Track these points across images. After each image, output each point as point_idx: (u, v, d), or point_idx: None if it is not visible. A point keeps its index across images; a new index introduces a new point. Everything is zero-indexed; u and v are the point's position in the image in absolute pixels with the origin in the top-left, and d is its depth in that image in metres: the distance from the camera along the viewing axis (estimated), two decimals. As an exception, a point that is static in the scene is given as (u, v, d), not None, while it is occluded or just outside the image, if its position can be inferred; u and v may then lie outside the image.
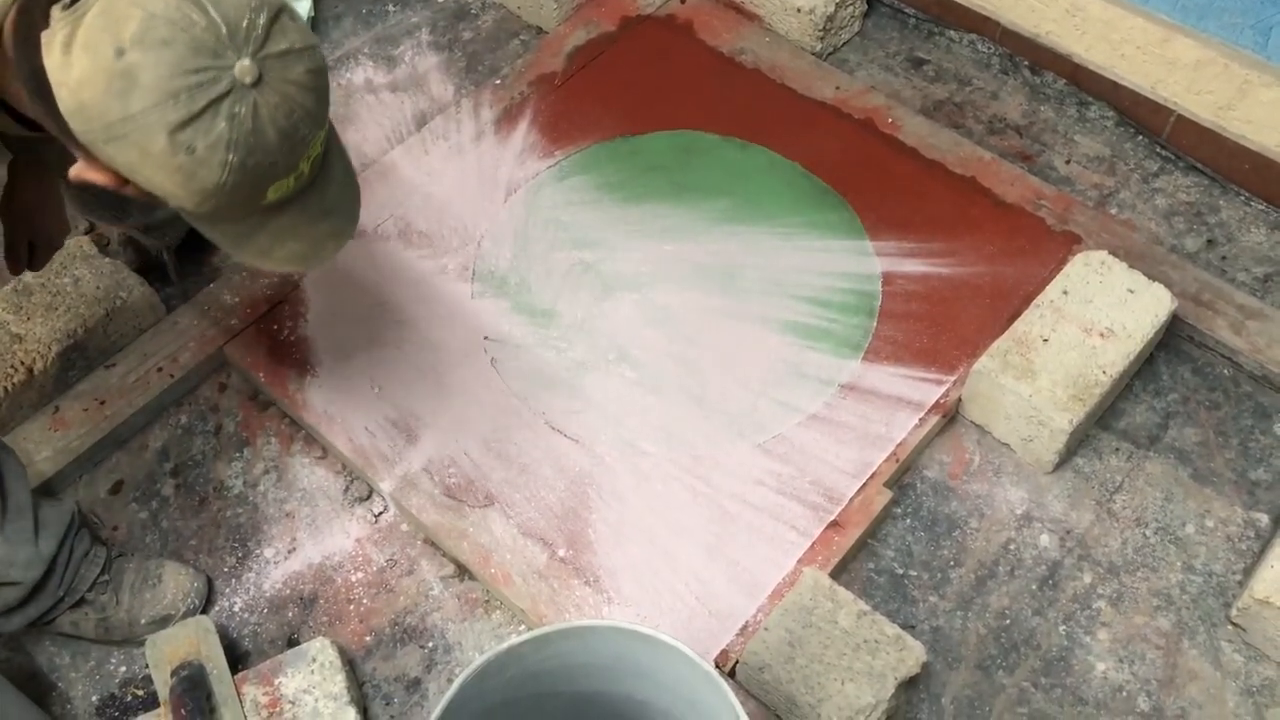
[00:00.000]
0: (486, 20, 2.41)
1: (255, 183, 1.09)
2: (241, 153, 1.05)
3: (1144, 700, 1.53)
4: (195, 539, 1.73)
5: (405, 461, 1.72)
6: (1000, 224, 1.94)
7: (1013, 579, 1.64)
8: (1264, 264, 1.94)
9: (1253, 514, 1.68)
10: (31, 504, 1.48)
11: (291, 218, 1.17)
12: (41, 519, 1.50)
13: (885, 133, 2.07)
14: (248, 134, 1.04)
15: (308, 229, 1.20)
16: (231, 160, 1.05)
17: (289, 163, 1.10)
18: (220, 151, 1.04)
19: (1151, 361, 1.83)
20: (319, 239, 1.22)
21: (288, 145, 1.08)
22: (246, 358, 1.85)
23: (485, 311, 1.90)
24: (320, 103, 1.12)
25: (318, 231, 1.21)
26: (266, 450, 1.81)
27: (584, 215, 2.01)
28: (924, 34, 2.31)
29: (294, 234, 1.19)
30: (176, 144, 1.02)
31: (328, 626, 1.64)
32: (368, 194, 2.01)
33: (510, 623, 1.63)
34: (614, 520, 1.67)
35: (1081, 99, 2.17)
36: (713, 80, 2.18)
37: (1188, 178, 2.07)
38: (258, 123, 1.05)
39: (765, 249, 1.95)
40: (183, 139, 1.02)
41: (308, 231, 1.20)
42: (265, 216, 1.15)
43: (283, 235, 1.18)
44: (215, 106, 1.02)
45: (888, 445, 1.71)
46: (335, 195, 1.22)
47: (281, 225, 1.17)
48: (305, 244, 1.21)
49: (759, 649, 1.48)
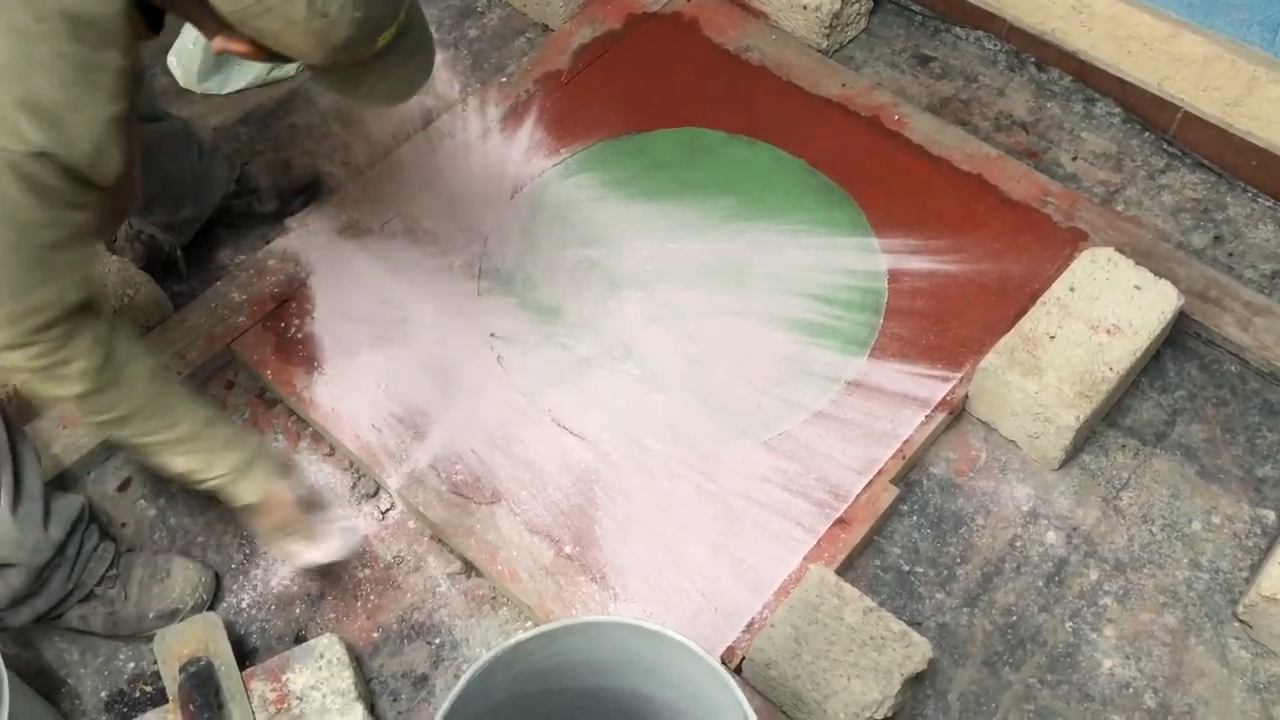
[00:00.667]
0: (492, 18, 2.42)
1: (371, 33, 1.25)
2: (364, 9, 1.21)
3: (1150, 697, 1.53)
4: (203, 536, 1.74)
5: (412, 458, 1.73)
6: (1006, 221, 1.94)
7: (1019, 576, 1.64)
8: (1271, 261, 1.94)
9: (1259, 511, 1.68)
10: (43, 492, 1.50)
11: (391, 59, 1.32)
12: (52, 506, 1.51)
13: (891, 129, 2.07)
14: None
15: (402, 67, 1.35)
16: (356, 16, 1.21)
17: (394, 13, 1.27)
18: (348, 11, 1.20)
19: (1158, 358, 1.82)
20: (409, 76, 1.38)
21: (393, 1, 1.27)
22: (254, 355, 1.86)
23: (491, 309, 1.90)
24: None
25: (409, 69, 1.37)
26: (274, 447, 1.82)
27: (590, 213, 2.01)
28: (930, 31, 2.31)
29: (394, 73, 1.35)
30: (314, 10, 1.18)
31: (335, 623, 1.65)
32: (374, 192, 2.04)
33: (517, 619, 1.64)
34: (620, 517, 1.67)
35: (1088, 95, 2.17)
36: (718, 77, 2.18)
37: (1195, 174, 2.07)
38: None
39: (771, 246, 1.95)
40: (319, 4, 1.18)
41: (402, 70, 1.36)
42: (372, 61, 1.31)
43: (385, 74, 1.34)
44: None
45: (894, 442, 1.71)
46: (419, 33, 1.37)
47: (384, 67, 1.33)
48: (401, 81, 1.38)
49: (765, 645, 1.49)
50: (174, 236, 1.98)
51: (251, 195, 2.05)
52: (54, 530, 1.51)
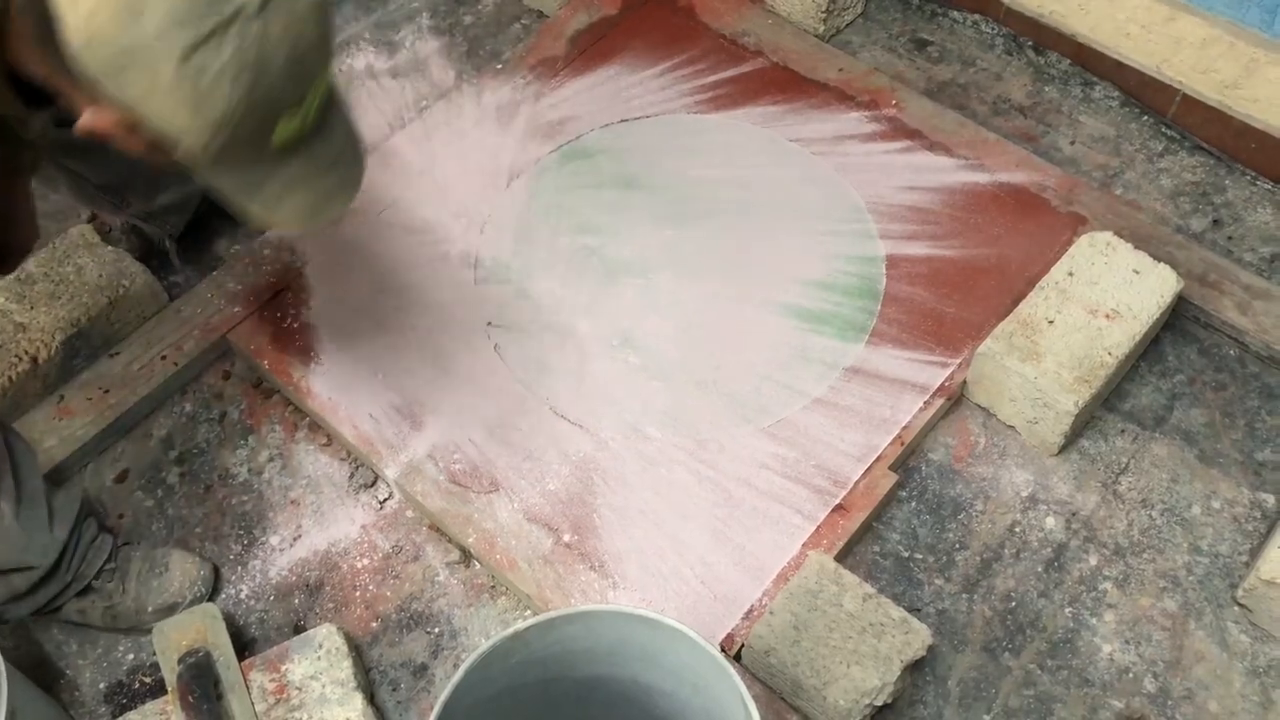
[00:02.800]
0: (487, 4, 2.40)
1: (263, 115, 1.07)
2: (250, 77, 1.03)
3: (1150, 682, 1.53)
4: (201, 527, 1.74)
5: (410, 448, 1.72)
6: (1005, 205, 1.93)
7: (1018, 561, 1.64)
8: (1270, 244, 1.93)
9: (1259, 495, 1.67)
10: (45, 491, 1.49)
11: (300, 166, 1.16)
12: (54, 506, 1.50)
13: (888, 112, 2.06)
14: (255, 59, 1.03)
15: (317, 179, 1.19)
16: (240, 88, 1.03)
17: (296, 94, 1.09)
18: (227, 79, 1.02)
19: (1157, 342, 1.82)
20: (327, 191, 1.22)
21: (295, 74, 1.07)
22: (250, 345, 1.85)
23: (489, 297, 1.90)
24: (325, 37, 1.11)
25: (326, 183, 1.21)
26: (271, 438, 1.81)
27: (587, 200, 2.01)
28: (927, 15, 2.30)
29: (303, 184, 1.18)
30: (186, 69, 1.01)
31: (334, 613, 1.65)
32: (370, 179, 2.02)
33: (516, 608, 1.64)
34: (619, 505, 1.66)
35: (1086, 79, 2.16)
36: (715, 63, 2.17)
37: (1193, 157, 2.06)
38: (265, 48, 1.03)
39: (769, 232, 1.94)
40: (193, 64, 1.01)
41: (317, 183, 1.19)
42: (274, 163, 1.14)
43: (292, 185, 1.17)
44: (224, 30, 1.01)
45: (892, 428, 1.70)
46: (341, 144, 1.22)
47: (291, 174, 1.16)
48: (314, 195, 1.20)
49: (764, 632, 1.48)
50: (160, 227, 1.95)
51: None
52: (59, 530, 1.51)
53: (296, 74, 1.07)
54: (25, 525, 1.45)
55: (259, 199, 1.18)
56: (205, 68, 1.02)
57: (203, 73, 1.02)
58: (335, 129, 1.20)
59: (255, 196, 1.18)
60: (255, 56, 1.03)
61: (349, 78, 2.26)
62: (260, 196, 1.18)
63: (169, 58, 1.01)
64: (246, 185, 1.17)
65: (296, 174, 1.17)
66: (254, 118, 1.07)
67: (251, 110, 1.06)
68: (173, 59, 1.01)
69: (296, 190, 1.18)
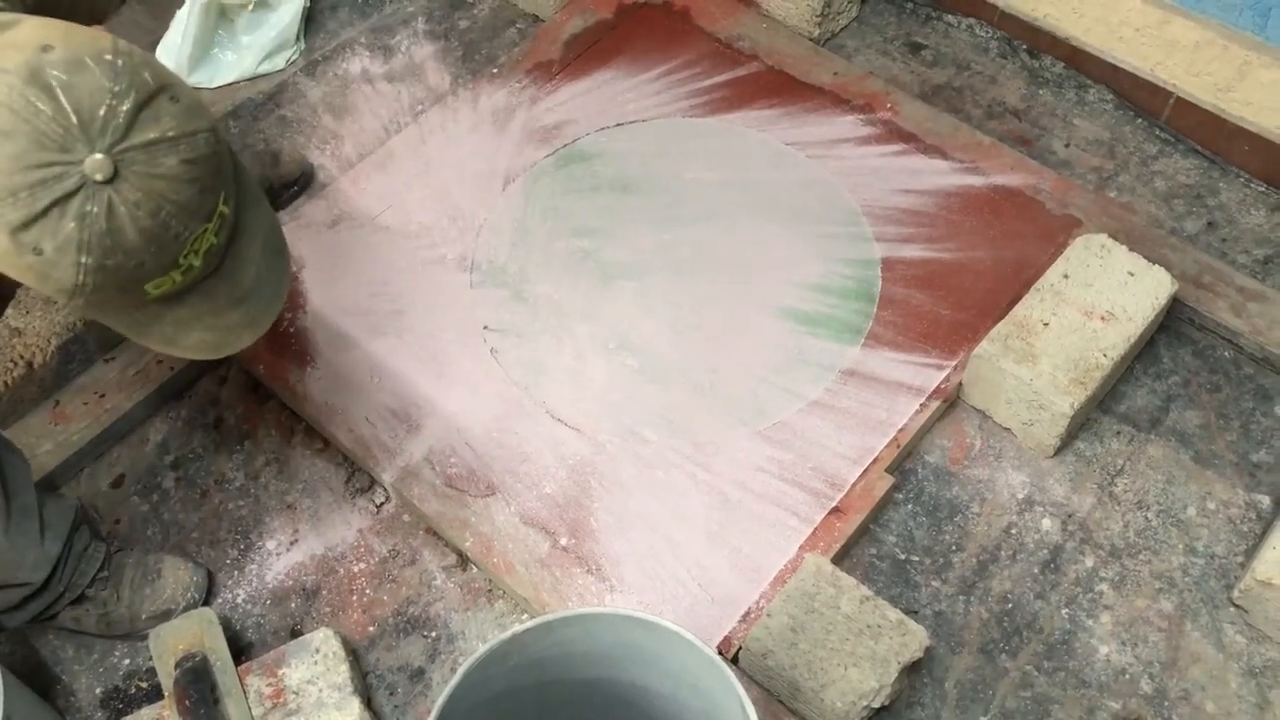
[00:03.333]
0: (483, 9, 2.40)
1: (123, 284, 1.01)
2: (97, 254, 0.97)
3: (1147, 682, 1.53)
4: (197, 532, 1.73)
5: (406, 452, 1.72)
6: (1000, 208, 1.93)
7: (1015, 563, 1.64)
8: (1264, 245, 1.94)
9: (1254, 496, 1.68)
10: (37, 504, 1.48)
11: (194, 308, 1.09)
12: (47, 518, 1.49)
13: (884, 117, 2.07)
14: (102, 235, 0.97)
15: (215, 319, 1.12)
16: (86, 262, 0.97)
17: (162, 262, 1.02)
18: (71, 253, 0.96)
19: (1152, 344, 1.82)
20: (230, 327, 1.15)
21: (156, 245, 1.00)
22: (246, 350, 1.83)
23: (485, 301, 1.90)
24: (203, 193, 1.02)
25: (228, 321, 1.14)
26: (267, 442, 1.81)
27: (583, 203, 2.01)
28: (921, 19, 2.31)
29: (199, 323, 1.11)
30: (21, 245, 0.95)
31: (331, 617, 1.64)
32: (366, 185, 2.03)
33: (513, 611, 1.63)
34: (616, 508, 1.67)
35: (1080, 82, 2.16)
36: (710, 67, 2.17)
37: (1187, 160, 2.06)
38: (114, 223, 0.97)
39: (764, 235, 1.94)
40: (27, 239, 0.95)
41: (216, 321, 1.12)
42: (160, 308, 1.07)
43: (186, 325, 1.10)
44: (62, 205, 0.95)
45: (889, 430, 1.71)
46: (250, 279, 1.14)
47: (182, 315, 1.09)
48: (214, 333, 1.13)
49: (762, 635, 1.48)
50: None
51: None
52: (51, 545, 1.49)
53: (159, 244, 1.00)
54: (16, 542, 1.44)
55: (148, 339, 1.12)
56: (42, 244, 0.95)
57: (39, 248, 0.95)
58: (241, 268, 1.12)
59: (144, 336, 1.11)
60: (104, 230, 0.97)
61: (345, 83, 2.27)
62: (149, 337, 1.11)
63: (2, 230, 0.95)
64: (130, 326, 1.10)
65: (189, 315, 1.10)
66: (111, 286, 1.00)
67: (106, 281, 0.99)
68: (5, 232, 0.95)
69: (192, 330, 1.11)
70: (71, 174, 0.95)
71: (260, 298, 1.16)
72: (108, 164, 0.95)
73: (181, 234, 1.02)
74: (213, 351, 1.16)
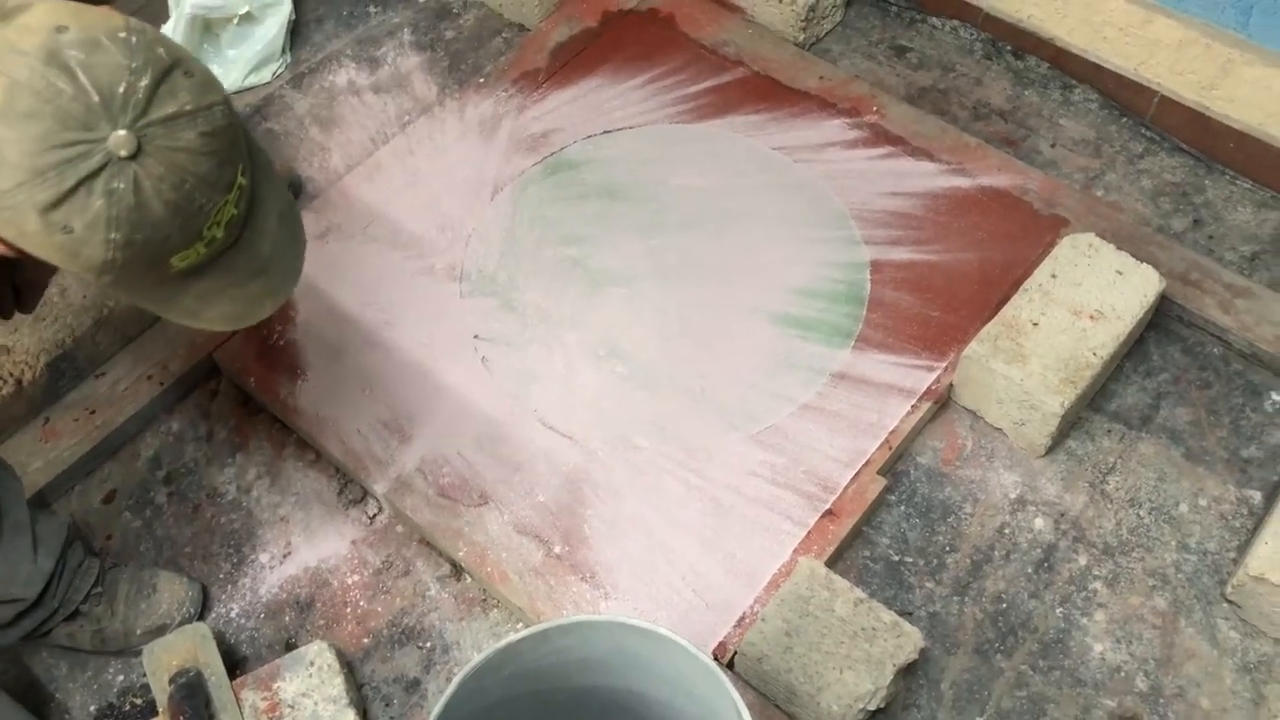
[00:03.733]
0: (468, 19, 2.41)
1: (151, 258, 1.02)
2: (126, 230, 0.98)
3: (1142, 680, 1.54)
4: (190, 546, 1.73)
5: (398, 463, 1.72)
6: (987, 209, 1.94)
7: (1008, 563, 1.64)
8: (1251, 242, 1.95)
9: (1245, 491, 1.68)
10: (30, 520, 1.48)
11: (216, 280, 1.11)
12: (39, 534, 1.49)
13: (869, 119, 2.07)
14: (130, 210, 0.98)
15: (237, 290, 1.13)
16: (115, 238, 0.98)
17: (187, 235, 1.03)
18: (101, 230, 0.97)
19: (1141, 342, 1.83)
20: (251, 298, 1.15)
21: (181, 218, 1.02)
22: (237, 363, 1.85)
23: (475, 310, 1.90)
24: (223, 165, 1.04)
25: (249, 292, 1.15)
26: (259, 455, 1.81)
27: (571, 211, 2.01)
28: (906, 21, 2.31)
29: (221, 295, 1.13)
30: (51, 224, 0.96)
31: (325, 629, 1.64)
32: (354, 196, 2.03)
33: (508, 620, 1.63)
34: (609, 515, 1.66)
35: (1065, 82, 2.17)
36: (696, 73, 2.18)
37: (1173, 158, 2.07)
38: (141, 197, 0.98)
39: (753, 240, 1.95)
40: (56, 219, 0.96)
41: (237, 292, 1.13)
42: (184, 282, 1.09)
43: (209, 297, 1.12)
44: (89, 183, 0.96)
45: (880, 433, 1.71)
46: (269, 251, 1.15)
47: (205, 288, 1.11)
48: (237, 304, 1.14)
49: (757, 639, 1.48)
50: None
51: None
52: (44, 561, 1.49)
53: (184, 216, 1.02)
54: (9, 558, 1.44)
55: (173, 312, 1.13)
56: (72, 222, 0.96)
57: (69, 227, 0.97)
58: (259, 239, 1.14)
59: (169, 310, 1.13)
60: (131, 204, 0.98)
61: (331, 95, 2.27)
62: (174, 310, 1.13)
63: (30, 213, 0.96)
64: (156, 301, 1.11)
65: (212, 287, 1.11)
66: (141, 261, 1.02)
67: (136, 255, 1.01)
68: (34, 215, 0.96)
69: (215, 302, 1.13)
70: (96, 151, 0.96)
71: (279, 268, 1.18)
72: (131, 139, 0.97)
73: (205, 206, 1.03)
74: (236, 322, 1.17)
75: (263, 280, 1.16)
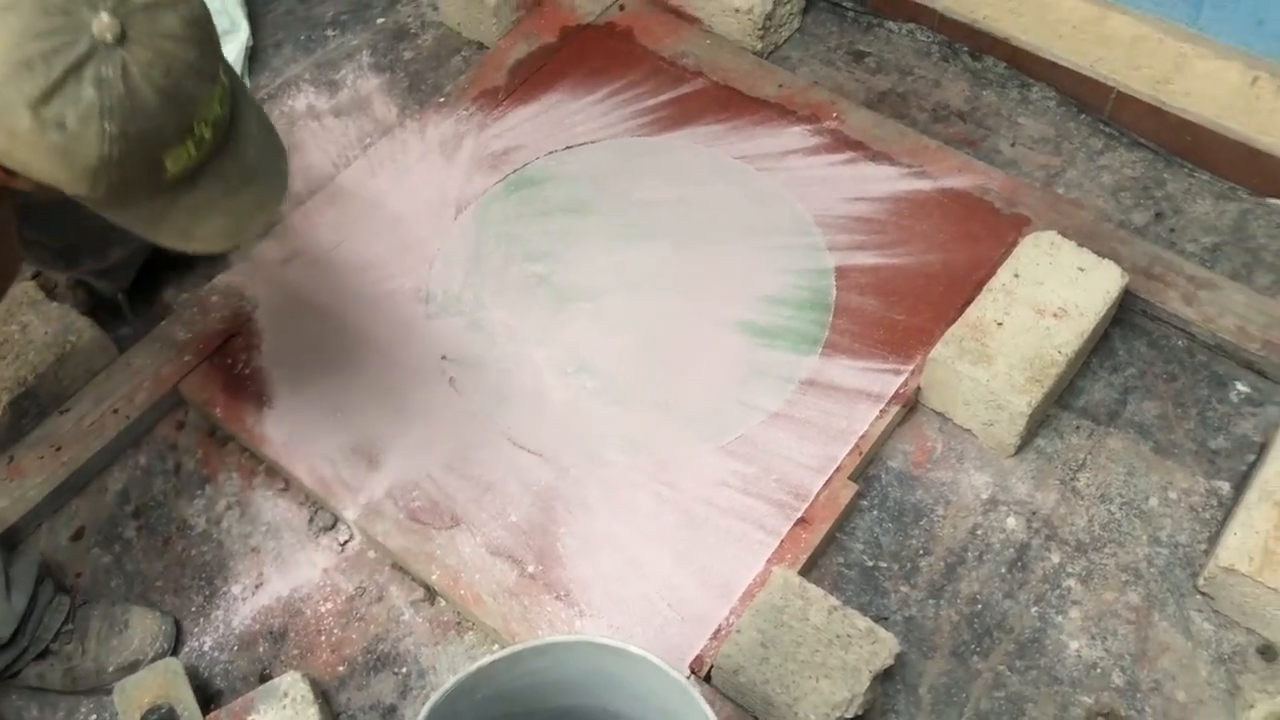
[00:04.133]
0: (427, 39, 2.40)
1: (146, 153, 1.01)
2: (119, 120, 0.96)
3: (1118, 675, 1.54)
4: (161, 580, 1.71)
5: (368, 488, 1.71)
6: (949, 211, 1.94)
7: (982, 564, 1.64)
8: (1211, 233, 1.96)
9: (1214, 483, 1.69)
10: (2, 561, 1.46)
11: (206, 190, 1.09)
12: (12, 575, 1.47)
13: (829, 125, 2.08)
14: (122, 98, 0.96)
15: (228, 200, 1.12)
16: (109, 130, 0.96)
17: (179, 125, 1.02)
18: (94, 122, 0.95)
19: (1107, 338, 1.84)
20: (243, 209, 1.14)
21: (173, 106, 1.00)
22: (202, 394, 1.84)
23: (442, 331, 1.89)
24: (205, 55, 1.04)
25: (240, 202, 1.13)
26: (228, 486, 1.80)
27: (535, 228, 2.01)
28: (863, 26, 2.32)
29: (214, 208, 1.11)
30: (43, 120, 0.94)
31: (300, 659, 1.63)
32: (317, 220, 2.02)
33: (484, 643, 1.62)
34: (582, 533, 1.66)
35: (1023, 81, 2.18)
36: (655, 85, 2.18)
37: (1132, 153, 2.08)
38: (130, 84, 0.97)
39: (718, 250, 1.95)
40: (49, 114, 0.94)
41: (229, 203, 1.12)
42: (175, 193, 1.07)
43: (201, 211, 1.10)
44: (77, 71, 0.94)
45: (850, 438, 1.71)
46: (255, 156, 1.14)
47: (197, 200, 1.09)
48: (229, 217, 1.13)
49: (732, 651, 1.48)
50: (113, 283, 1.94)
51: None
52: (17, 600, 1.47)
53: (175, 104, 1.01)
54: None
55: (166, 231, 1.11)
56: (65, 116, 0.95)
57: (62, 121, 0.95)
58: (244, 143, 1.13)
59: (161, 230, 1.11)
60: (121, 93, 0.96)
61: (291, 119, 2.26)
62: (167, 230, 1.11)
63: (21, 110, 0.94)
64: (148, 219, 1.10)
65: (203, 199, 1.10)
66: (135, 157, 1.00)
67: (130, 152, 0.99)
68: (25, 111, 0.94)
69: (207, 216, 1.11)
70: (81, 38, 0.95)
71: (266, 176, 1.17)
72: (115, 24, 0.96)
73: (194, 95, 1.03)
74: (228, 239, 1.16)
75: (253, 189, 1.15)
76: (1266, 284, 1.88)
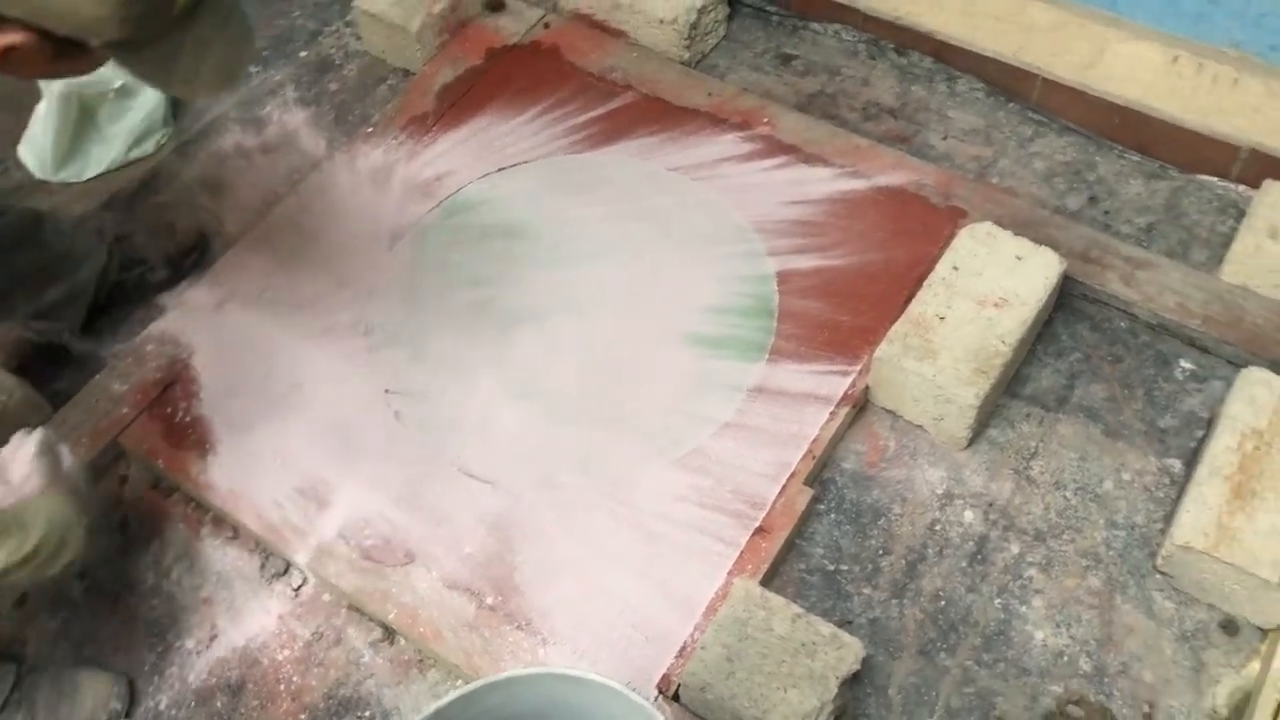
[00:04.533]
0: (351, 69, 2.38)
1: None
2: None
3: (1085, 661, 1.54)
4: (111, 642, 1.67)
5: (319, 529, 1.68)
6: (886, 208, 1.94)
7: (942, 559, 1.64)
8: (1145, 214, 1.98)
9: (1166, 461, 1.70)
10: None
11: (202, 28, 1.22)
12: None
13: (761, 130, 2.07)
14: None
15: (219, 38, 1.25)
16: None
17: None
18: None
19: (1050, 324, 1.84)
20: (233, 43, 1.28)
21: None
22: (143, 445, 1.80)
23: (384, 364, 1.86)
24: None
25: (229, 36, 1.27)
26: (175, 538, 1.75)
27: (473, 253, 1.98)
28: (789, 30, 2.33)
29: (210, 47, 1.25)
30: None
31: (259, 710, 1.59)
32: (250, 260, 1.99)
33: (446, 679, 1.59)
34: (539, 559, 1.64)
35: (950, 74, 2.19)
36: (585, 101, 2.17)
37: (1062, 138, 2.10)
38: None
39: (659, 263, 1.93)
40: None
41: (220, 42, 1.26)
42: (182, 30, 1.21)
43: (201, 49, 1.24)
44: None
45: (802, 443, 1.70)
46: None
47: (199, 36, 1.23)
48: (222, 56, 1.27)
49: (698, 669, 1.46)
50: (58, 324, 1.90)
51: (142, 267, 1.99)
52: None
53: None
54: None
55: (178, 75, 1.25)
56: None
57: None
58: None
59: (174, 73, 1.25)
60: None
61: (220, 159, 2.22)
62: (179, 72, 1.25)
63: None
64: (163, 63, 1.23)
65: (204, 34, 1.23)
66: None
67: None
68: None
69: (207, 55, 1.25)
70: None
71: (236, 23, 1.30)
72: None
73: None
74: (227, 75, 1.31)
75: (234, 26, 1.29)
76: (1202, 260, 1.90)
